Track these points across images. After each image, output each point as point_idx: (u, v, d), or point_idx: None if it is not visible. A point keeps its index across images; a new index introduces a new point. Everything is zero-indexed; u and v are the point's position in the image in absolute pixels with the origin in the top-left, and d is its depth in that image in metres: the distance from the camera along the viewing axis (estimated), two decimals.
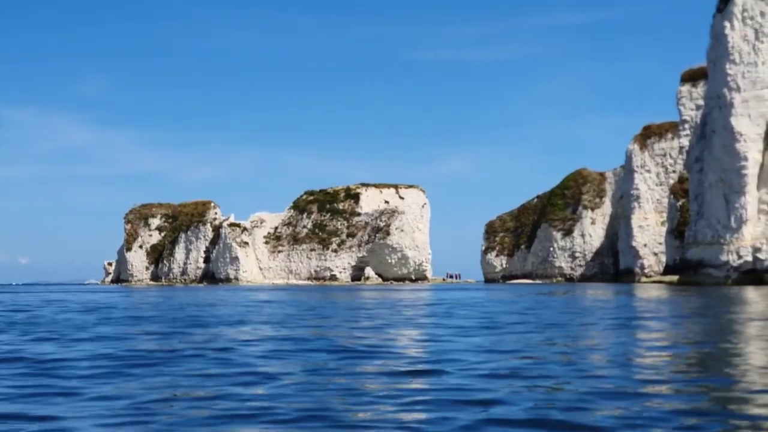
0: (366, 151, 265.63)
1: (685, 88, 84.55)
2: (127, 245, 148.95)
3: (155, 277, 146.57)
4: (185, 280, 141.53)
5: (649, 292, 48.00)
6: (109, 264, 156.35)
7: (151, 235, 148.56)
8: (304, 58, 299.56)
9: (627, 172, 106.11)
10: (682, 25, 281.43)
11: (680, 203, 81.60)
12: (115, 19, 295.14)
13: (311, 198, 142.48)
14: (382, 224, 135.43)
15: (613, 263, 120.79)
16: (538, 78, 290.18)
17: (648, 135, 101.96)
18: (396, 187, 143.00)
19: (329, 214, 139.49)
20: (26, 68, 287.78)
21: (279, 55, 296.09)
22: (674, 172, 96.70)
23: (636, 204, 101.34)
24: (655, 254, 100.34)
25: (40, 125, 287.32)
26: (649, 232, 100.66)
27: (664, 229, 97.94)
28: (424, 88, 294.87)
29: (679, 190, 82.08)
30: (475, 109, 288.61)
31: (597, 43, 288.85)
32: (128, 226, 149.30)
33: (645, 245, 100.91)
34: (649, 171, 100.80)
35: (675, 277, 79.23)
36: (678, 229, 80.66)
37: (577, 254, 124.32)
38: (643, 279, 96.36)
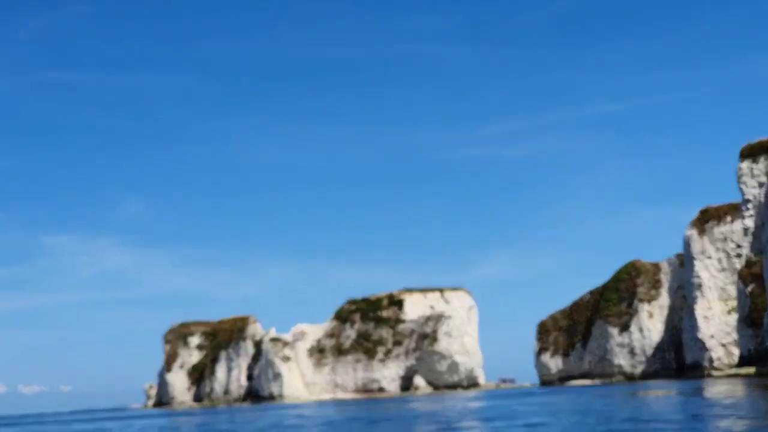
0: (406, 257, 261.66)
1: (746, 165, 79.90)
2: (167, 366, 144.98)
3: (197, 397, 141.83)
4: (228, 399, 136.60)
5: (736, 389, 42.76)
6: (151, 387, 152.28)
7: (191, 355, 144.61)
8: (335, 169, 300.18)
9: (686, 259, 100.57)
10: (724, 108, 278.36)
11: (749, 289, 76.05)
12: (149, 143, 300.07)
13: (354, 307, 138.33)
14: (428, 330, 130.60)
15: (675, 358, 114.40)
16: (577, 172, 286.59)
17: (706, 219, 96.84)
18: (441, 291, 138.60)
19: (373, 322, 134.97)
20: (68, 196, 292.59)
21: (314, 167, 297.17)
22: (738, 256, 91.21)
23: (698, 293, 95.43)
24: (723, 345, 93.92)
25: (80, 251, 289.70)
26: (715, 322, 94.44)
27: (730, 318, 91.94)
28: (459, 189, 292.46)
29: (747, 275, 76.68)
30: (514, 208, 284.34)
31: (635, 133, 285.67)
32: (168, 347, 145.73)
33: (712, 336, 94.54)
34: (710, 257, 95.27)
35: (751, 369, 73.32)
36: (750, 317, 74.91)
37: (636, 350, 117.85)
38: (714, 372, 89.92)
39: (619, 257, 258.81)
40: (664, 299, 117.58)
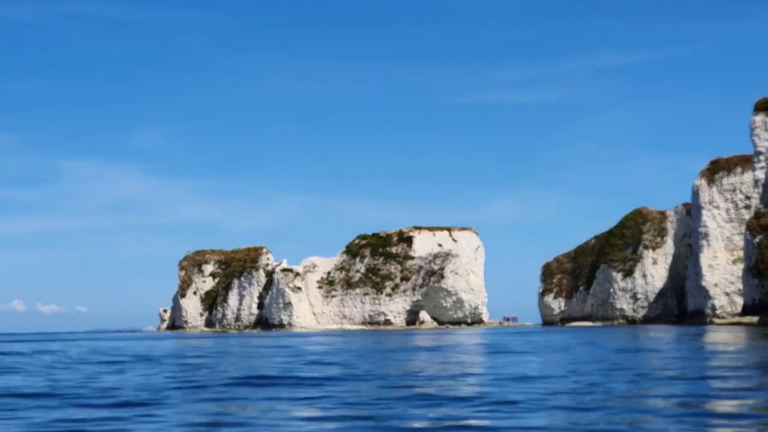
0: (416, 195, 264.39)
1: (759, 118, 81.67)
2: (182, 292, 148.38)
3: (209, 323, 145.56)
4: (239, 326, 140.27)
5: (738, 336, 45.40)
6: (165, 311, 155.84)
7: (204, 282, 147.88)
8: (352, 105, 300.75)
9: (694, 209, 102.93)
10: (739, 60, 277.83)
11: (757, 240, 78.56)
12: (168, 72, 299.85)
13: (364, 242, 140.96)
14: (436, 267, 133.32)
15: (677, 304, 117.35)
16: (587, 119, 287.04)
17: (716, 170, 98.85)
18: (449, 230, 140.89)
19: (382, 258, 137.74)
20: (86, 122, 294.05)
21: (328, 103, 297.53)
22: (747, 207, 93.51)
23: (705, 242, 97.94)
24: (727, 294, 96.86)
25: (98, 177, 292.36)
26: (720, 271, 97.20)
27: (735, 267, 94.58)
28: (471, 131, 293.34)
29: (756, 226, 79.03)
30: (524, 152, 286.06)
31: (646, 83, 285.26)
32: (182, 273, 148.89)
33: (716, 285, 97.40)
34: (717, 207, 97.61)
35: (755, 318, 76.13)
36: (756, 267, 77.56)
37: (638, 295, 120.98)
38: (716, 320, 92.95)
39: (626, 204, 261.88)
40: (668, 247, 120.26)
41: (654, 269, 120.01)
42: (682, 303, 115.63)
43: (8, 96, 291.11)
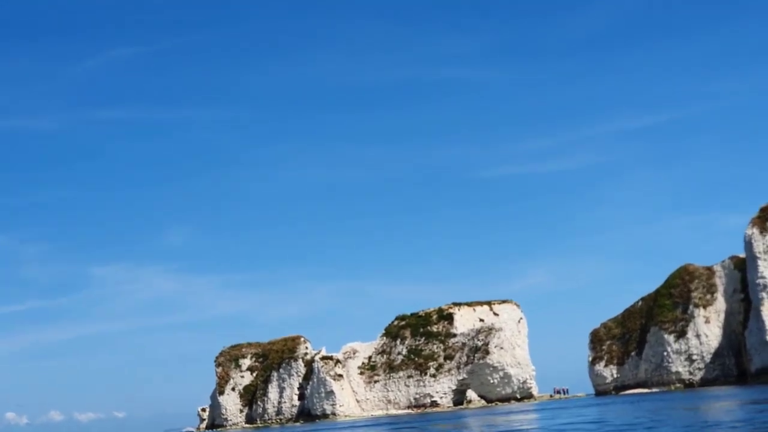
0: (451, 273, 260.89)
1: None
2: (220, 389, 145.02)
3: (250, 419, 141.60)
4: (281, 420, 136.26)
5: None
6: (203, 410, 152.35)
7: (242, 377, 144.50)
8: (377, 188, 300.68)
9: (749, 260, 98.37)
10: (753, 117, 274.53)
11: None
12: (191, 169, 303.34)
13: (403, 323, 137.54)
14: (479, 343, 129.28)
15: (736, 363, 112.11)
16: (614, 184, 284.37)
17: (767, 217, 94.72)
18: (489, 303, 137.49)
19: (423, 338, 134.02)
20: (113, 226, 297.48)
21: (352, 187, 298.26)
22: None
23: (764, 294, 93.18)
24: None
25: (128, 280, 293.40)
26: None
27: None
28: (498, 204, 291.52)
29: None
30: (554, 221, 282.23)
31: (669, 144, 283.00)
32: (219, 369, 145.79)
33: None
34: None
35: None
36: None
37: (694, 357, 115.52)
38: None
39: (663, 265, 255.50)
40: (720, 304, 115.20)
41: (707, 328, 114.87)
42: (740, 362, 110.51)
43: (33, 207, 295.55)
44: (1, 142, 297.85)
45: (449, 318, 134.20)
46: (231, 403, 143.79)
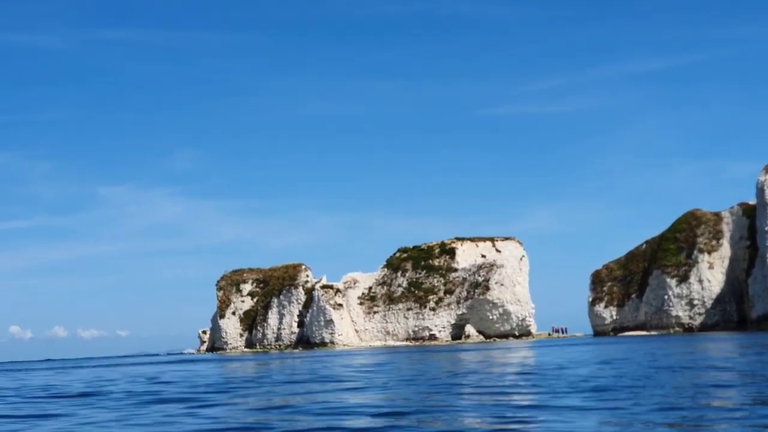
0: (455, 209, 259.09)
1: None
2: (220, 313, 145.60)
3: (249, 344, 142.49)
4: (280, 345, 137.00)
5: None
6: (204, 333, 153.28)
7: (243, 301, 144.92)
8: (384, 122, 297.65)
9: (759, 206, 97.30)
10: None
11: None
12: (201, 94, 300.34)
13: (405, 255, 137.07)
14: (480, 279, 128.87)
15: (737, 310, 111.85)
16: (623, 127, 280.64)
17: None
18: (492, 240, 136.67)
19: (425, 271, 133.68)
20: (121, 148, 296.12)
21: (360, 121, 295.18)
22: None
23: None
24: None
25: (134, 202, 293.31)
26: None
27: None
28: (506, 142, 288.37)
29: None
30: (562, 162, 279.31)
31: (681, 88, 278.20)
32: (220, 293, 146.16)
33: None
34: None
35: None
36: None
37: (695, 302, 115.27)
38: None
39: (670, 210, 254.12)
40: (725, 250, 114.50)
41: (711, 274, 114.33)
42: (741, 308, 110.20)
43: (43, 125, 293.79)
44: (9, 58, 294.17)
45: (451, 252, 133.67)
46: (231, 327, 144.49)
